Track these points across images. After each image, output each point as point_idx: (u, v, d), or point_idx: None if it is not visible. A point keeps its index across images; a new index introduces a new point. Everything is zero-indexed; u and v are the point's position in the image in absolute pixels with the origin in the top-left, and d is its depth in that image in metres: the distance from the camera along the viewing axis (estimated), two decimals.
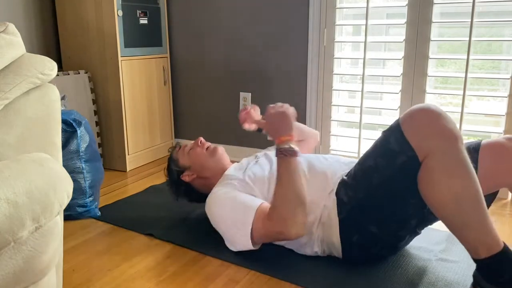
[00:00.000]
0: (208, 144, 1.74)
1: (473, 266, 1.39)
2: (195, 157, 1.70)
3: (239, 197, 1.45)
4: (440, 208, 1.19)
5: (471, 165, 1.16)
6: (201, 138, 1.75)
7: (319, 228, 1.41)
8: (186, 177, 1.70)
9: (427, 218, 1.34)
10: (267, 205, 1.39)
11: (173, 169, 1.72)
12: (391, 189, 1.26)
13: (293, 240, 1.36)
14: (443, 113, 1.18)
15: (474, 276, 1.19)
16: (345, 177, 1.39)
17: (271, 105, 1.41)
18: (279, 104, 1.41)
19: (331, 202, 1.38)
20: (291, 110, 1.39)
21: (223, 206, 1.48)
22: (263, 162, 1.63)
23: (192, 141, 1.79)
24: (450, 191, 1.15)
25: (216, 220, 1.52)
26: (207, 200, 1.57)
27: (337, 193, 1.38)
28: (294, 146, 1.34)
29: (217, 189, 1.56)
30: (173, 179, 1.74)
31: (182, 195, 1.75)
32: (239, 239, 1.43)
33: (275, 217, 1.32)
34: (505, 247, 1.13)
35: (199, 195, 1.72)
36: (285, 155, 1.33)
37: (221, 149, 1.74)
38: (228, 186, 1.53)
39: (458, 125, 1.99)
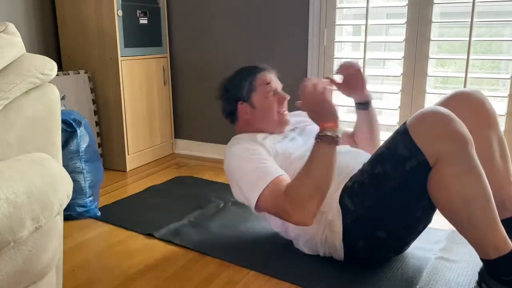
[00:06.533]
0: (285, 109, 1.59)
1: (473, 264, 1.40)
2: (266, 107, 1.55)
3: (262, 160, 1.38)
4: (450, 211, 1.18)
5: (481, 168, 1.15)
6: (287, 98, 1.59)
7: (323, 229, 1.40)
8: (241, 107, 1.57)
9: (431, 218, 1.34)
10: (286, 178, 1.34)
11: (242, 92, 1.56)
12: (401, 195, 1.24)
13: (294, 224, 1.30)
14: (453, 116, 1.16)
15: (480, 273, 1.19)
16: (348, 183, 1.34)
17: (305, 83, 1.33)
18: (313, 82, 1.32)
19: (335, 206, 1.35)
20: (328, 92, 1.32)
21: (244, 163, 1.40)
22: (297, 142, 1.56)
23: (276, 86, 1.61)
24: (460, 194, 1.14)
25: (232, 171, 1.44)
26: (230, 146, 1.49)
27: (340, 200, 1.34)
28: (336, 134, 1.27)
29: (245, 143, 1.47)
30: (230, 97, 1.60)
31: (224, 108, 1.64)
32: (247, 195, 1.37)
33: (290, 195, 1.27)
34: None
35: (235, 120, 1.63)
36: (323, 141, 1.28)
37: (290, 124, 1.62)
38: (256, 145, 1.45)
39: None
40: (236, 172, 1.42)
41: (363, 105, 1.63)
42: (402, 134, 1.21)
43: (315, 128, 1.39)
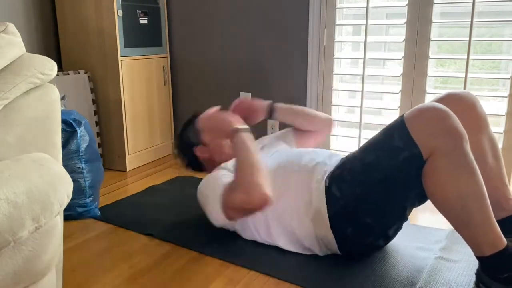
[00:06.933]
0: None
1: (472, 264, 1.40)
2: (216, 137, 1.66)
3: (222, 178, 1.49)
4: (445, 207, 1.20)
5: (476, 165, 1.17)
6: None
7: (310, 223, 1.41)
8: (198, 152, 1.69)
9: (417, 206, 1.36)
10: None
11: (190, 138, 1.70)
12: (391, 184, 1.27)
13: (262, 208, 1.35)
14: (450, 112, 1.19)
15: (477, 273, 1.20)
16: (336, 171, 1.38)
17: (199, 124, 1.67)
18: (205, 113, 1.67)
19: (319, 197, 1.38)
20: (212, 110, 1.67)
21: (208, 186, 1.52)
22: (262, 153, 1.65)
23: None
24: (455, 190, 1.15)
25: (201, 199, 1.55)
26: (200, 184, 1.60)
27: (328, 188, 1.37)
28: (238, 126, 1.48)
29: (207, 179, 1.58)
30: (184, 145, 1.72)
31: (183, 159, 1.76)
32: (216, 214, 1.45)
33: (236, 187, 1.37)
34: (508, 245, 1.14)
35: (200, 167, 1.76)
36: (236, 134, 1.46)
37: None
38: (216, 172, 1.57)
39: None
40: (207, 203, 1.50)
41: (271, 115, 1.80)
42: (399, 126, 1.23)
43: (273, 143, 1.66)
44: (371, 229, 1.35)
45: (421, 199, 1.31)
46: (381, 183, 1.27)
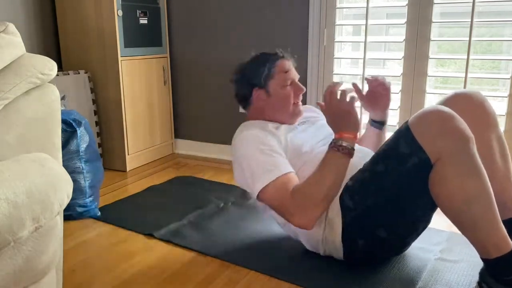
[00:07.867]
0: (299, 100, 1.56)
1: (473, 264, 1.40)
2: (283, 96, 1.52)
3: (271, 152, 1.38)
4: (451, 209, 1.18)
5: (482, 167, 1.16)
6: (304, 90, 1.55)
7: (323, 228, 1.40)
8: (257, 93, 1.53)
9: (430, 219, 1.34)
10: (293, 177, 1.34)
11: (260, 78, 1.52)
12: (401, 193, 1.25)
13: (296, 226, 1.30)
14: (455, 114, 1.16)
15: (481, 273, 1.19)
16: (349, 182, 1.34)
17: (332, 89, 1.32)
18: (341, 89, 1.32)
19: (336, 205, 1.35)
20: (354, 105, 1.30)
21: (254, 151, 1.38)
22: (308, 134, 1.54)
23: (293, 76, 1.56)
24: (462, 193, 1.14)
25: (239, 156, 1.42)
26: (240, 131, 1.48)
27: (340, 198, 1.33)
28: (352, 146, 1.28)
29: (256, 130, 1.44)
30: (246, 81, 1.56)
31: (238, 92, 1.61)
32: (251, 185, 1.37)
33: (296, 197, 1.28)
34: None
35: (245, 105, 1.61)
36: (339, 151, 1.28)
37: (302, 117, 1.60)
38: (267, 135, 1.43)
39: None
40: (243, 158, 1.40)
41: (378, 124, 1.61)
42: (404, 132, 1.21)
43: (325, 124, 1.41)
44: (383, 243, 1.33)
45: (432, 207, 1.28)
46: (391, 192, 1.25)
